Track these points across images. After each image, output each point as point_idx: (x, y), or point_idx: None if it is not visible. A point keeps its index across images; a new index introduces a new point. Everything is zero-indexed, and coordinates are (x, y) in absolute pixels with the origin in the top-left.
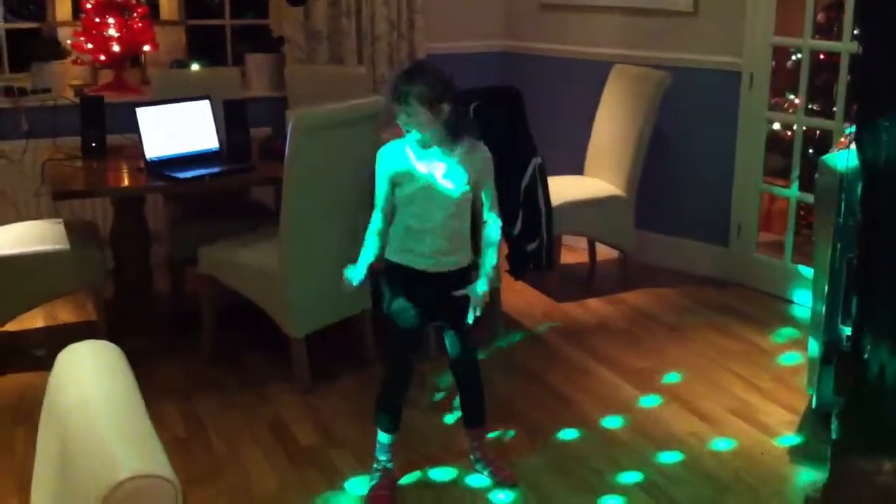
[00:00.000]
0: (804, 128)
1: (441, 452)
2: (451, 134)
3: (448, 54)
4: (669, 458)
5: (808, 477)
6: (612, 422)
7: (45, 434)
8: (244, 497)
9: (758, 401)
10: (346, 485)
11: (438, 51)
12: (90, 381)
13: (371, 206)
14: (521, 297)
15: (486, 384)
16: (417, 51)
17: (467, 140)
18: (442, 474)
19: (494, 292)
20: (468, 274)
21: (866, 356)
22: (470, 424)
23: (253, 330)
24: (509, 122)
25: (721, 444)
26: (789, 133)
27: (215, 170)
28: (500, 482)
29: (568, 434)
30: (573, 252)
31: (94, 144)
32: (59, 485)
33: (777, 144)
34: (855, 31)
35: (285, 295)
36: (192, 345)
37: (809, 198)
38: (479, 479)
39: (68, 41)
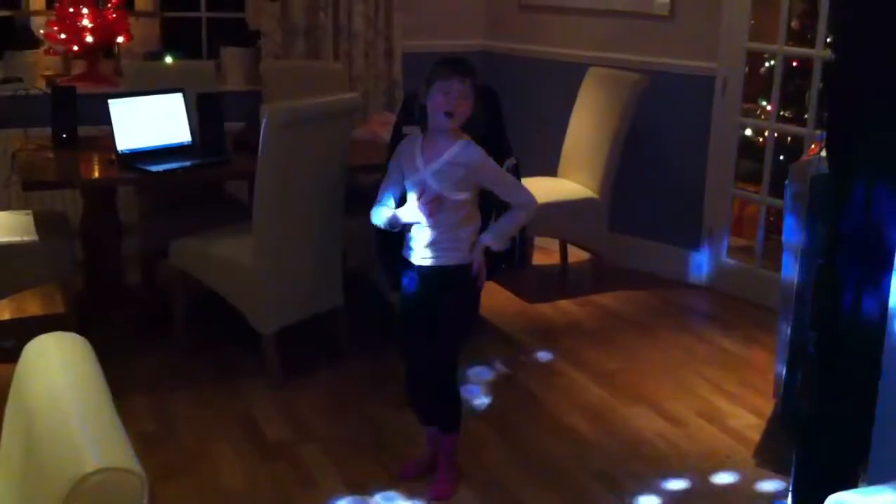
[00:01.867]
0: (776, 134)
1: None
2: (465, 129)
3: (425, 52)
4: (635, 458)
5: (773, 482)
6: (579, 422)
7: (11, 426)
8: (214, 492)
9: (725, 404)
10: (316, 480)
11: (415, 48)
12: (57, 373)
13: (342, 203)
14: (493, 298)
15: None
16: (395, 48)
17: (465, 138)
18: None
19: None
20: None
21: (831, 362)
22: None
23: (225, 324)
24: (485, 121)
25: (687, 447)
26: (761, 139)
27: (188, 163)
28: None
29: (536, 433)
30: (545, 253)
31: (65, 135)
32: (23, 477)
33: (748, 150)
34: (828, 39)
35: (256, 290)
36: (163, 339)
37: (780, 203)
38: None
39: (41, 30)
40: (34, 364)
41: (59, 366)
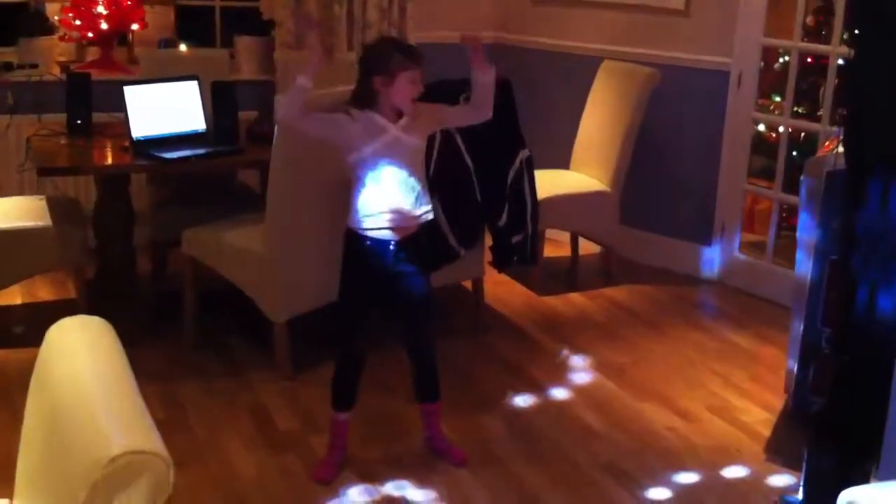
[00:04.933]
0: (789, 130)
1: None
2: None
3: (438, 44)
4: (645, 452)
5: (784, 476)
6: (589, 415)
7: (34, 409)
8: (223, 481)
9: (735, 399)
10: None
11: (428, 40)
12: (81, 357)
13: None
14: (504, 290)
15: (467, 375)
16: (408, 39)
17: None
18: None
19: (477, 282)
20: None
21: (845, 358)
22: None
23: (236, 314)
24: (499, 113)
25: (698, 441)
26: (774, 135)
27: (201, 151)
28: (453, 463)
29: (546, 426)
30: (556, 246)
31: (79, 122)
32: (48, 460)
33: (760, 145)
34: (845, 36)
35: (268, 279)
36: (173, 327)
37: (792, 199)
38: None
39: (56, 17)
40: (58, 347)
41: (82, 349)
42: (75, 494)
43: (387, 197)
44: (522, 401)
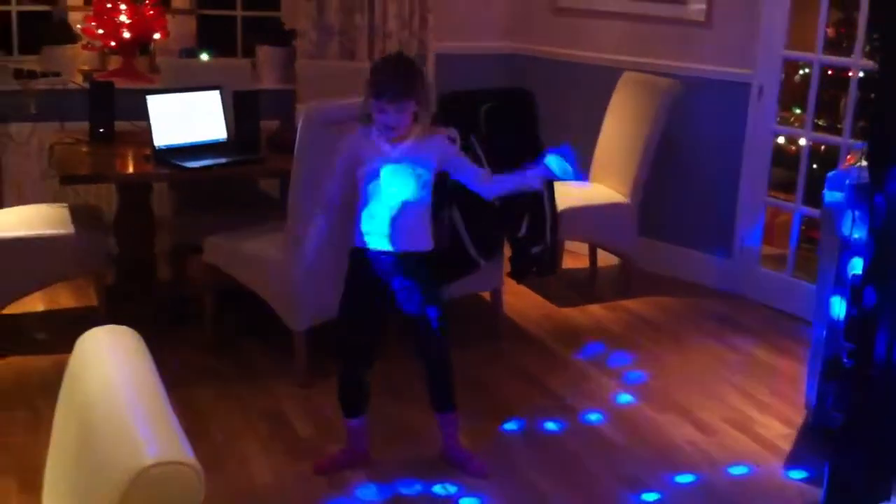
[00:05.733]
0: (810, 142)
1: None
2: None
3: (457, 54)
4: (666, 466)
5: (805, 492)
6: (608, 426)
7: (64, 419)
8: (241, 488)
9: (756, 413)
10: (345, 479)
11: (448, 50)
12: (111, 367)
13: None
14: (522, 301)
15: (484, 385)
16: (428, 49)
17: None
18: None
19: (496, 293)
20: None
21: (870, 374)
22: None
23: (254, 320)
24: (520, 124)
25: (717, 455)
26: (793, 147)
27: (223, 160)
28: (472, 474)
29: (565, 438)
30: (575, 257)
31: (102, 130)
32: (77, 470)
33: (780, 158)
34: (867, 48)
35: (289, 288)
36: (192, 333)
37: (813, 212)
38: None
39: (79, 26)
40: (88, 357)
41: (112, 359)
42: None
43: (376, 217)
44: (540, 411)
